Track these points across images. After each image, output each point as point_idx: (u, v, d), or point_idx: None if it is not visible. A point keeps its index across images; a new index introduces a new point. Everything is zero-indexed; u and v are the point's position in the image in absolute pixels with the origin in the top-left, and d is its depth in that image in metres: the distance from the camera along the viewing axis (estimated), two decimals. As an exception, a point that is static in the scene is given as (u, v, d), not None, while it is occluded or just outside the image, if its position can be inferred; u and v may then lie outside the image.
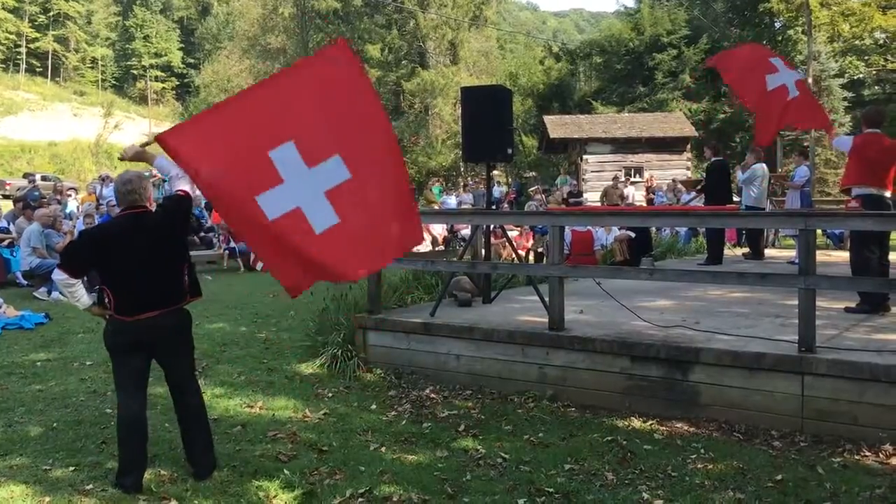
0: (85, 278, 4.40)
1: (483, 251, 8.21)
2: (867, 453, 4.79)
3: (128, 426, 4.33)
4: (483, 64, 43.59)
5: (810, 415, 5.18)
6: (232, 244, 15.30)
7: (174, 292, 4.41)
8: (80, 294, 4.30)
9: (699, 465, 4.65)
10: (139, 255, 4.26)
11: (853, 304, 7.09)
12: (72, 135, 59.99)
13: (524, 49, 59.14)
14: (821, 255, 7.42)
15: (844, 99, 31.59)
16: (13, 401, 6.07)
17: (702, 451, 4.89)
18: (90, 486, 4.33)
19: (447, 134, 39.15)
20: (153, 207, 4.52)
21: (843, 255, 11.56)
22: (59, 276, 4.27)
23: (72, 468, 4.60)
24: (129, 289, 4.27)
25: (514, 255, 9.82)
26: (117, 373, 4.41)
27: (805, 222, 5.48)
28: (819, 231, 10.07)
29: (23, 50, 74.56)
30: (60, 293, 4.30)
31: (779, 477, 4.42)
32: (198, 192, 4.68)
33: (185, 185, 4.50)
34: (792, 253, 12.24)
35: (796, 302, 5.50)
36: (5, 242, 13.53)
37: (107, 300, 4.29)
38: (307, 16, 42.94)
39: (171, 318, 4.38)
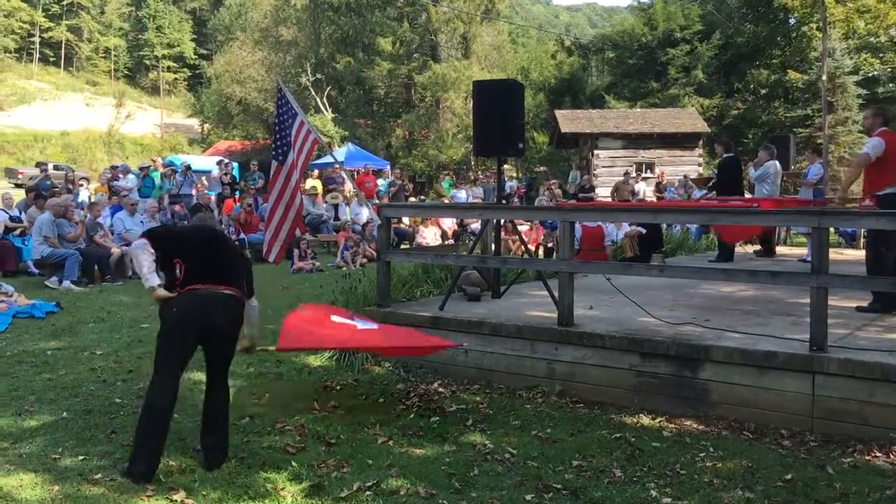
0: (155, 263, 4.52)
1: (493, 245, 8.19)
2: (877, 454, 4.76)
3: (158, 413, 4.33)
4: (495, 58, 43.40)
5: (820, 414, 5.16)
6: (242, 235, 15.32)
7: (238, 283, 4.65)
8: (152, 268, 4.42)
9: (708, 464, 4.64)
10: (213, 248, 4.69)
11: (865, 303, 7.04)
12: (84, 124, 60.28)
13: (536, 43, 58.88)
14: (833, 254, 7.36)
15: (859, 96, 31.36)
16: (23, 389, 6.10)
17: (711, 449, 4.88)
18: (99, 475, 4.34)
19: (458, 127, 39.02)
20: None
21: (856, 254, 11.51)
22: (141, 241, 4.47)
23: (81, 457, 4.61)
24: (203, 263, 4.50)
25: (523, 250, 9.79)
26: (165, 355, 4.42)
27: (818, 220, 5.45)
28: (831, 229, 10.00)
29: (36, 39, 74.80)
30: (136, 265, 4.58)
31: (788, 476, 4.40)
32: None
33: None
34: (804, 251, 12.17)
35: (808, 300, 5.46)
36: (17, 231, 13.59)
37: (178, 271, 4.41)
38: (319, 8, 42.84)
39: (235, 301, 4.58)
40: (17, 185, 33.76)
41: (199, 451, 4.60)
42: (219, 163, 21.71)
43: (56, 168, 33.45)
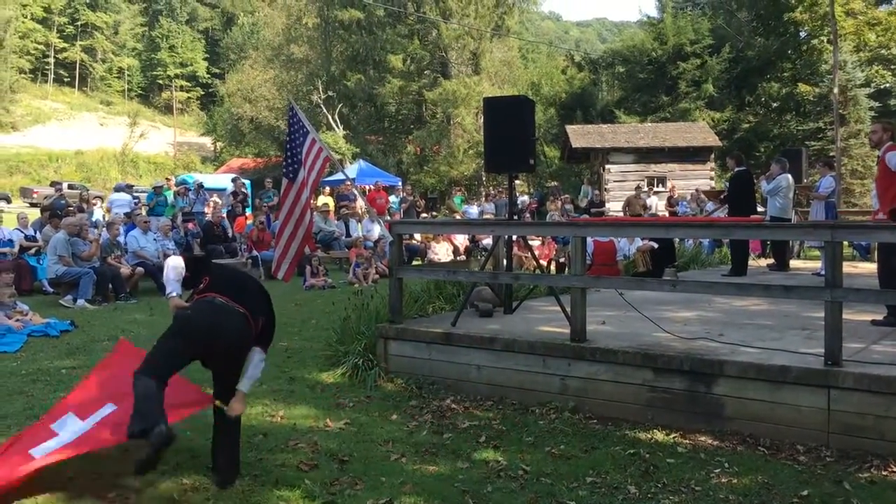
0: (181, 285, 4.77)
1: (505, 261, 8.20)
2: (895, 469, 4.71)
3: (148, 388, 4.24)
4: (505, 73, 43.52)
5: (836, 429, 5.11)
6: (254, 252, 15.39)
7: (252, 312, 4.63)
8: (179, 279, 4.69)
9: (723, 480, 4.60)
10: (240, 278, 4.92)
11: (880, 317, 6.99)
12: (98, 144, 60.92)
13: (546, 58, 59.07)
14: (847, 267, 7.32)
15: (871, 108, 31.27)
16: (38, 408, 6.12)
17: (726, 465, 4.84)
18: (112, 493, 4.35)
19: (469, 143, 39.12)
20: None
21: (870, 267, 11.43)
22: (178, 259, 4.82)
23: (94, 476, 4.62)
24: (226, 284, 4.66)
25: (535, 265, 9.78)
26: (161, 351, 4.37)
27: (832, 234, 5.42)
28: (845, 242, 9.95)
29: (51, 60, 75.74)
30: (165, 272, 4.85)
31: (805, 492, 4.36)
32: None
33: None
34: (817, 264, 12.11)
35: (822, 314, 5.43)
36: (32, 250, 13.71)
37: (202, 286, 4.62)
38: (330, 26, 43.17)
39: (246, 320, 4.56)
40: (33, 205, 34.11)
41: (213, 470, 4.60)
42: (234, 180, 21.91)
43: (71, 187, 33.71)
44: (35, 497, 4.30)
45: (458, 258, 16.48)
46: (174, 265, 4.76)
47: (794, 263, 13.04)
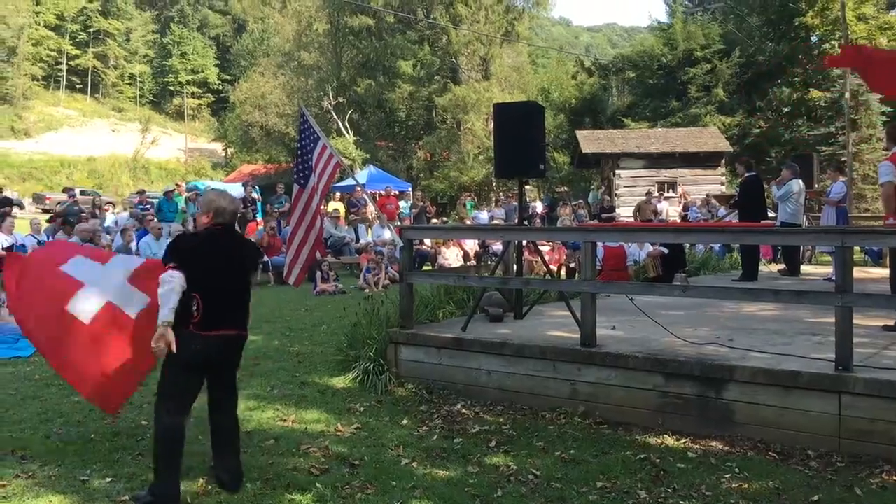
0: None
1: (515, 266, 8.21)
2: (906, 474, 4.70)
3: (173, 439, 4.35)
4: (515, 79, 43.48)
5: (847, 435, 5.10)
6: (265, 258, 15.45)
7: (245, 316, 4.65)
8: (175, 300, 4.25)
9: (734, 485, 4.60)
10: (226, 263, 4.52)
11: (891, 322, 6.96)
12: (110, 150, 61.29)
13: (556, 64, 58.95)
14: (858, 272, 7.28)
15: (882, 113, 31.08)
16: (52, 412, 6.19)
17: (736, 470, 4.83)
18: (126, 496, 4.39)
19: (479, 149, 39.12)
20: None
21: (882, 272, 11.38)
22: (178, 278, 4.26)
23: (108, 479, 4.67)
24: (218, 298, 4.41)
25: (545, 270, 9.79)
26: (173, 384, 4.42)
27: (842, 240, 5.42)
28: (856, 247, 9.91)
29: (63, 67, 76.27)
30: (164, 290, 4.27)
31: (815, 498, 4.35)
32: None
33: None
34: (828, 269, 12.07)
35: (833, 319, 5.42)
36: (45, 256, 13.79)
37: (195, 308, 4.33)
38: (341, 32, 43.31)
39: (243, 339, 4.64)
40: (45, 211, 34.34)
41: (213, 472, 4.62)
42: (244, 184, 22.06)
43: (83, 193, 33.93)
44: (49, 498, 4.34)
45: (468, 263, 16.50)
46: (170, 295, 4.25)
47: (805, 269, 12.99)
